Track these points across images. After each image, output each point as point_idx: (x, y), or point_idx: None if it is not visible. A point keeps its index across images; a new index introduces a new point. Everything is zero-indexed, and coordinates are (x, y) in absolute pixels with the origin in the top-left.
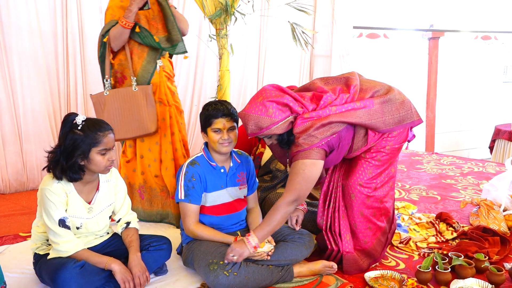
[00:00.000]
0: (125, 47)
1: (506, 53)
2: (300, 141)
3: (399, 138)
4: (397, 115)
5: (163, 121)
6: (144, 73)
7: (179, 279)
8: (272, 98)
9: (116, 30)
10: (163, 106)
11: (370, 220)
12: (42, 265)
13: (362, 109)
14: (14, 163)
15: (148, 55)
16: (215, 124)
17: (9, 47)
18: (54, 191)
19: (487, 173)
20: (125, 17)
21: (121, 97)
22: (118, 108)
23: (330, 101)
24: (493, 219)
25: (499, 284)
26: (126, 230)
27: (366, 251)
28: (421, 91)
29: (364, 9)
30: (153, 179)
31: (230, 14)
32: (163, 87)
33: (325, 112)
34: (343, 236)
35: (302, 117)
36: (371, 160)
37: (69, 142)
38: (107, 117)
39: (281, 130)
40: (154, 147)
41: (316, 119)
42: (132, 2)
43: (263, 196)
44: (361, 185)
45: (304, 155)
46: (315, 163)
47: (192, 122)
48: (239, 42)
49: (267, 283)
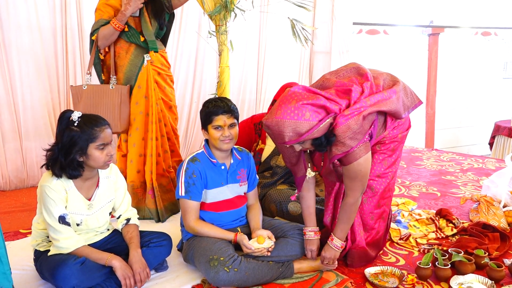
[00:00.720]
0: (111, 45)
1: (506, 49)
2: (346, 141)
3: (405, 124)
4: (406, 101)
5: (146, 116)
6: (132, 67)
7: (179, 275)
8: (307, 101)
9: (107, 30)
10: (147, 101)
11: (384, 209)
12: (43, 261)
13: (390, 99)
14: (14, 160)
15: (135, 50)
16: (216, 121)
17: (8, 44)
18: (53, 188)
19: (487, 169)
20: (117, 20)
21: (96, 92)
22: (93, 103)
23: (359, 93)
24: (493, 215)
25: (499, 280)
26: (126, 227)
27: (376, 242)
28: (421, 87)
29: (364, 5)
30: (136, 174)
31: (229, 10)
32: (150, 82)
33: (362, 104)
34: (357, 232)
35: (343, 115)
36: (386, 151)
37: (66, 139)
38: (82, 110)
39: (321, 132)
40: (140, 143)
41: (357, 114)
42: (128, 7)
43: (263, 192)
44: (379, 176)
45: (355, 155)
46: (366, 158)
47: (192, 119)
48: (239, 38)
49: (267, 279)
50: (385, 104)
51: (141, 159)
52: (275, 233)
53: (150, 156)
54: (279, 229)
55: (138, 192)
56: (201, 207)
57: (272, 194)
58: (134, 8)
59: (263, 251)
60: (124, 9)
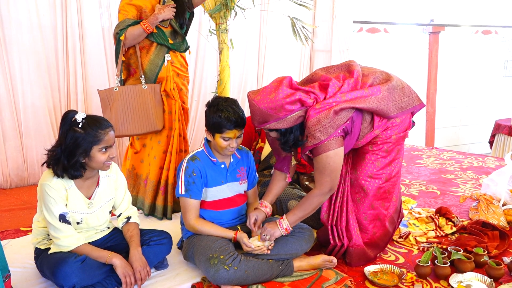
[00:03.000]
0: (135, 44)
1: (506, 48)
2: (316, 134)
3: (402, 125)
4: (399, 101)
5: (169, 114)
6: (152, 67)
7: (179, 273)
8: (284, 99)
9: (136, 31)
10: (169, 99)
11: (380, 211)
12: (43, 259)
13: (371, 97)
14: (14, 158)
15: (156, 49)
16: (227, 133)
17: (9, 42)
18: (53, 187)
19: (486, 168)
20: (149, 22)
21: (130, 93)
22: (127, 105)
23: (337, 88)
24: (493, 213)
25: (498, 278)
26: (126, 225)
27: (374, 243)
28: (422, 85)
29: (364, 4)
30: (157, 171)
31: (230, 8)
32: (170, 82)
33: (335, 99)
34: (353, 231)
35: (314, 108)
36: (379, 152)
37: (70, 140)
38: (115, 112)
39: (288, 124)
40: (165, 140)
41: (328, 108)
42: (162, 12)
43: (263, 190)
44: (371, 176)
45: (325, 148)
46: (337, 153)
47: (192, 117)
48: (239, 36)
49: (267, 277)
50: (364, 101)
51: (164, 156)
52: None
53: (169, 153)
54: None
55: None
56: (201, 206)
57: None
58: (166, 15)
59: (263, 249)
60: (157, 13)
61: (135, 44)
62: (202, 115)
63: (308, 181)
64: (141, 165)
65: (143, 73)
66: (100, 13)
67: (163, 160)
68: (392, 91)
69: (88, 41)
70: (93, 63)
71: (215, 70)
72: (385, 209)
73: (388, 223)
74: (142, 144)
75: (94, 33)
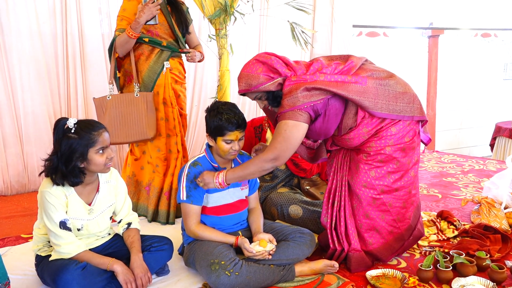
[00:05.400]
0: (130, 51)
1: (506, 51)
2: (284, 102)
3: (398, 137)
4: (393, 103)
5: (166, 121)
6: (151, 74)
7: (180, 279)
8: (263, 59)
9: (122, 38)
10: (167, 107)
11: (377, 223)
12: (44, 266)
13: (353, 84)
14: (15, 165)
15: (156, 56)
16: (229, 136)
17: (9, 49)
18: (53, 194)
19: (488, 171)
20: (132, 28)
21: (122, 102)
22: (119, 113)
23: (319, 67)
24: (494, 216)
25: (500, 282)
26: (127, 231)
27: (371, 253)
28: (421, 89)
29: (363, 8)
30: (161, 178)
31: (229, 14)
32: (168, 89)
33: (312, 77)
34: (351, 235)
35: (290, 79)
36: (372, 162)
37: (65, 147)
38: (108, 120)
39: (268, 89)
40: (164, 147)
41: (302, 82)
42: (142, 15)
43: (264, 195)
44: (365, 186)
45: (287, 116)
46: (297, 125)
47: (193, 123)
48: (239, 42)
49: (269, 283)
50: (342, 86)
51: (165, 163)
52: (276, 236)
53: (174, 160)
54: (280, 232)
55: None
56: (202, 211)
57: (272, 197)
58: (148, 15)
59: (265, 254)
60: (138, 17)
61: (129, 52)
62: (202, 121)
63: (309, 186)
64: (141, 172)
65: (141, 80)
66: (100, 19)
67: (165, 167)
68: (385, 89)
69: (88, 47)
70: (93, 70)
71: (215, 76)
72: (385, 222)
73: (392, 238)
74: (142, 151)
75: (94, 39)
